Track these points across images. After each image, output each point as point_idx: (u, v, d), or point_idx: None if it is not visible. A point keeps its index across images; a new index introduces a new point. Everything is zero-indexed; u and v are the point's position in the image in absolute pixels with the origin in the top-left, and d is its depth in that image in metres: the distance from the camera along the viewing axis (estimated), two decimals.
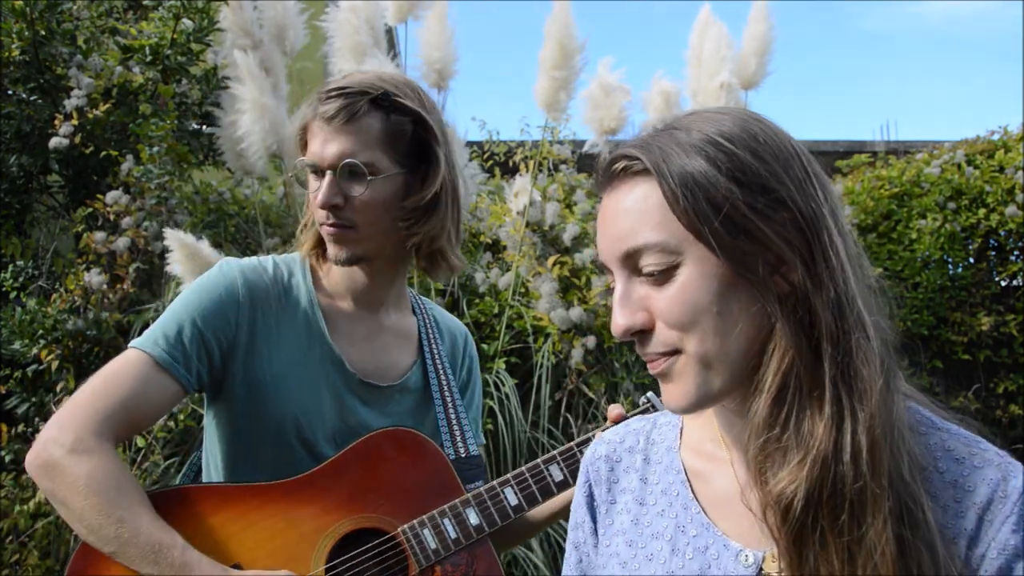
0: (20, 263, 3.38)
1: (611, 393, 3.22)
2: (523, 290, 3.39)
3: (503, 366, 3.14)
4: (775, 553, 0.76)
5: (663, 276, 0.75)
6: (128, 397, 1.18)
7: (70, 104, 3.32)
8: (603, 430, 1.21)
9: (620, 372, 3.24)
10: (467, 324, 3.32)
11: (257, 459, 1.28)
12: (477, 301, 3.42)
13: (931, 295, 4.10)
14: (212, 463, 1.34)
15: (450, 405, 1.40)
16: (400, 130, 1.26)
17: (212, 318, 1.25)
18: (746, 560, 0.78)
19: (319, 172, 1.27)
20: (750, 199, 0.73)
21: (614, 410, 1.32)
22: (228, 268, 1.30)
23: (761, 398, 0.74)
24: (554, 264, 3.36)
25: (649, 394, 1.34)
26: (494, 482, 1.26)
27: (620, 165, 0.79)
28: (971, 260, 4.31)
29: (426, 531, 1.22)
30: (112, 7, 3.94)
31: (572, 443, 1.27)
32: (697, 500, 0.84)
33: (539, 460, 1.27)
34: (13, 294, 3.30)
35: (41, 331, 3.00)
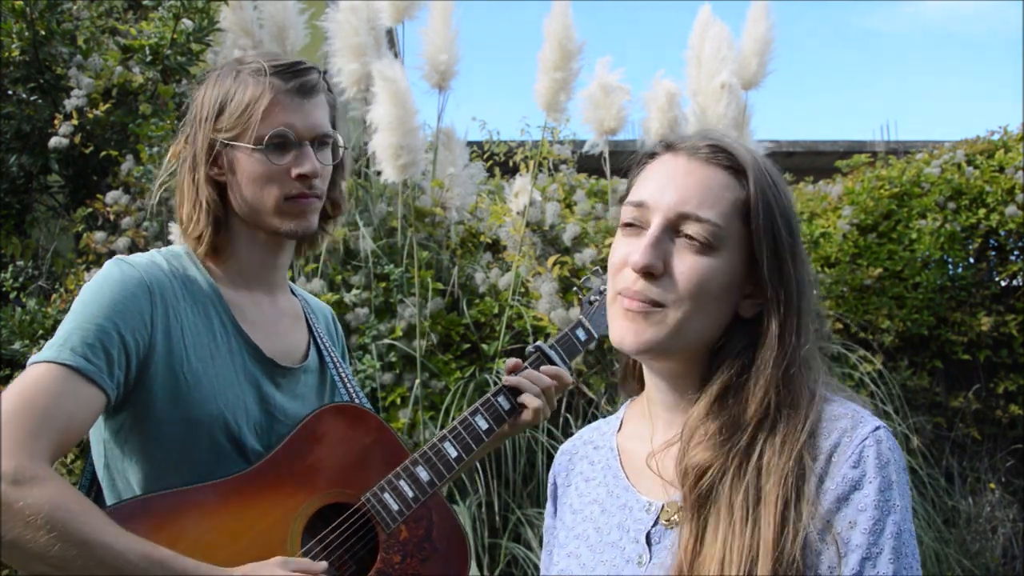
0: (20, 263, 3.38)
1: (611, 393, 3.22)
2: (523, 290, 3.39)
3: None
4: (669, 503, 0.93)
5: (699, 248, 0.89)
6: (55, 415, 1.07)
7: (70, 104, 3.32)
8: (504, 380, 1.43)
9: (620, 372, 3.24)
10: (467, 324, 3.33)
11: (182, 463, 1.21)
12: (477, 301, 3.42)
13: (931, 295, 4.10)
14: (122, 476, 1.24)
15: (346, 380, 1.42)
16: (332, 104, 1.38)
17: (129, 319, 1.17)
18: (649, 508, 0.95)
19: (289, 145, 1.28)
20: (788, 243, 0.92)
21: (510, 362, 1.47)
22: (129, 267, 1.22)
23: (704, 399, 0.91)
24: (554, 264, 3.36)
25: (539, 343, 1.50)
26: (434, 439, 1.36)
27: (710, 150, 0.93)
28: (971, 260, 4.30)
29: (386, 495, 1.28)
30: (112, 7, 3.93)
31: (488, 394, 1.42)
32: (623, 470, 1.02)
33: (465, 413, 1.40)
34: (13, 294, 3.30)
35: (41, 331, 2.99)
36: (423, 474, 1.31)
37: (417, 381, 3.04)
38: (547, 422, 3.12)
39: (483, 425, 1.39)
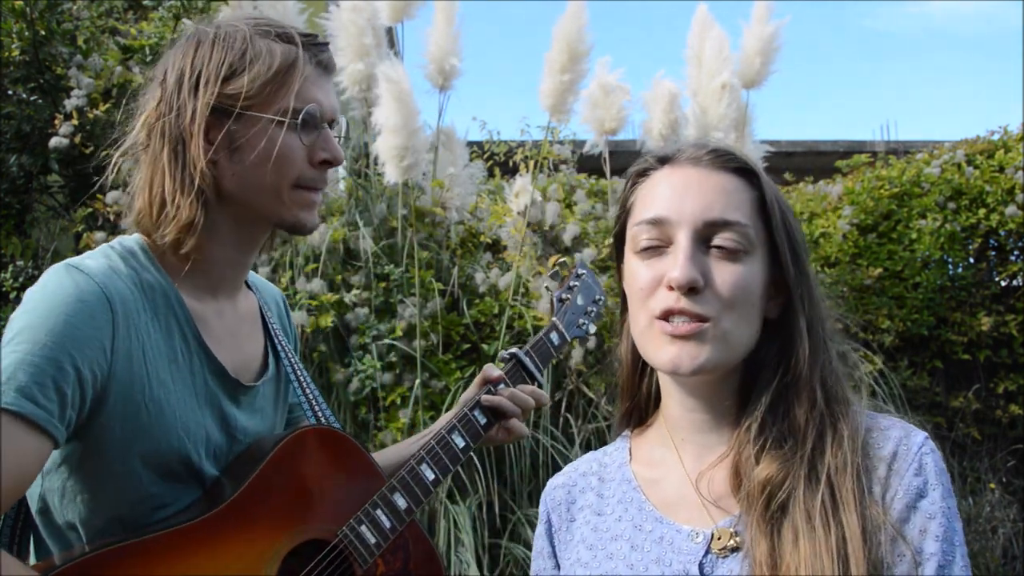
0: (20, 263, 3.38)
1: (611, 393, 3.22)
2: (523, 290, 3.39)
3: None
4: (720, 530, 0.88)
5: (732, 255, 0.88)
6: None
7: (70, 104, 3.32)
8: (483, 399, 1.36)
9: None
10: (467, 324, 3.32)
11: (132, 496, 1.08)
12: (477, 301, 3.42)
13: (931, 295, 4.10)
14: (62, 513, 1.08)
15: (305, 384, 1.30)
16: None
17: (87, 348, 0.98)
18: (696, 538, 0.89)
19: (316, 125, 1.14)
20: (799, 237, 0.93)
21: (492, 371, 1.39)
22: (84, 277, 1.03)
23: (756, 411, 0.89)
24: (554, 264, 3.36)
25: (514, 350, 1.45)
26: (411, 462, 1.26)
27: (713, 156, 0.92)
28: (971, 260, 4.30)
29: (363, 528, 1.20)
30: (112, 7, 3.93)
31: (464, 408, 1.35)
32: (650, 501, 0.95)
33: (441, 431, 1.31)
34: (13, 294, 3.30)
35: None
36: (400, 502, 1.23)
37: (417, 381, 3.04)
38: (547, 422, 3.12)
39: (460, 443, 1.32)
